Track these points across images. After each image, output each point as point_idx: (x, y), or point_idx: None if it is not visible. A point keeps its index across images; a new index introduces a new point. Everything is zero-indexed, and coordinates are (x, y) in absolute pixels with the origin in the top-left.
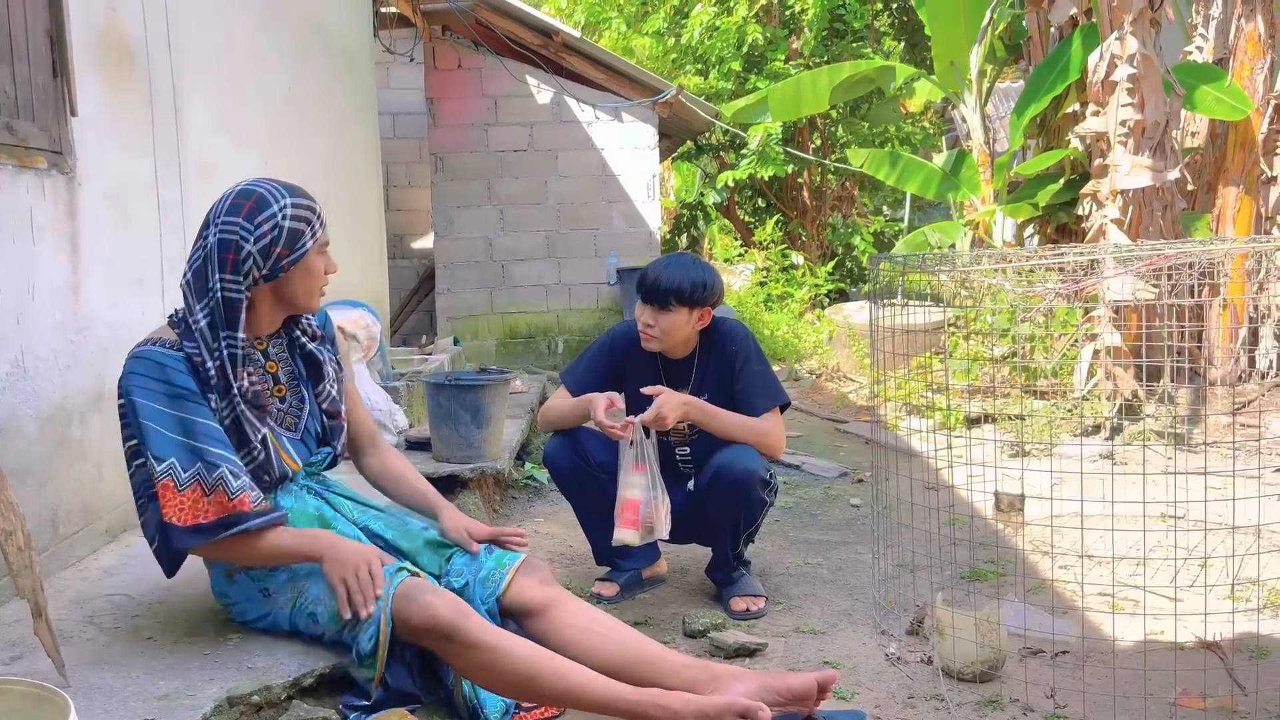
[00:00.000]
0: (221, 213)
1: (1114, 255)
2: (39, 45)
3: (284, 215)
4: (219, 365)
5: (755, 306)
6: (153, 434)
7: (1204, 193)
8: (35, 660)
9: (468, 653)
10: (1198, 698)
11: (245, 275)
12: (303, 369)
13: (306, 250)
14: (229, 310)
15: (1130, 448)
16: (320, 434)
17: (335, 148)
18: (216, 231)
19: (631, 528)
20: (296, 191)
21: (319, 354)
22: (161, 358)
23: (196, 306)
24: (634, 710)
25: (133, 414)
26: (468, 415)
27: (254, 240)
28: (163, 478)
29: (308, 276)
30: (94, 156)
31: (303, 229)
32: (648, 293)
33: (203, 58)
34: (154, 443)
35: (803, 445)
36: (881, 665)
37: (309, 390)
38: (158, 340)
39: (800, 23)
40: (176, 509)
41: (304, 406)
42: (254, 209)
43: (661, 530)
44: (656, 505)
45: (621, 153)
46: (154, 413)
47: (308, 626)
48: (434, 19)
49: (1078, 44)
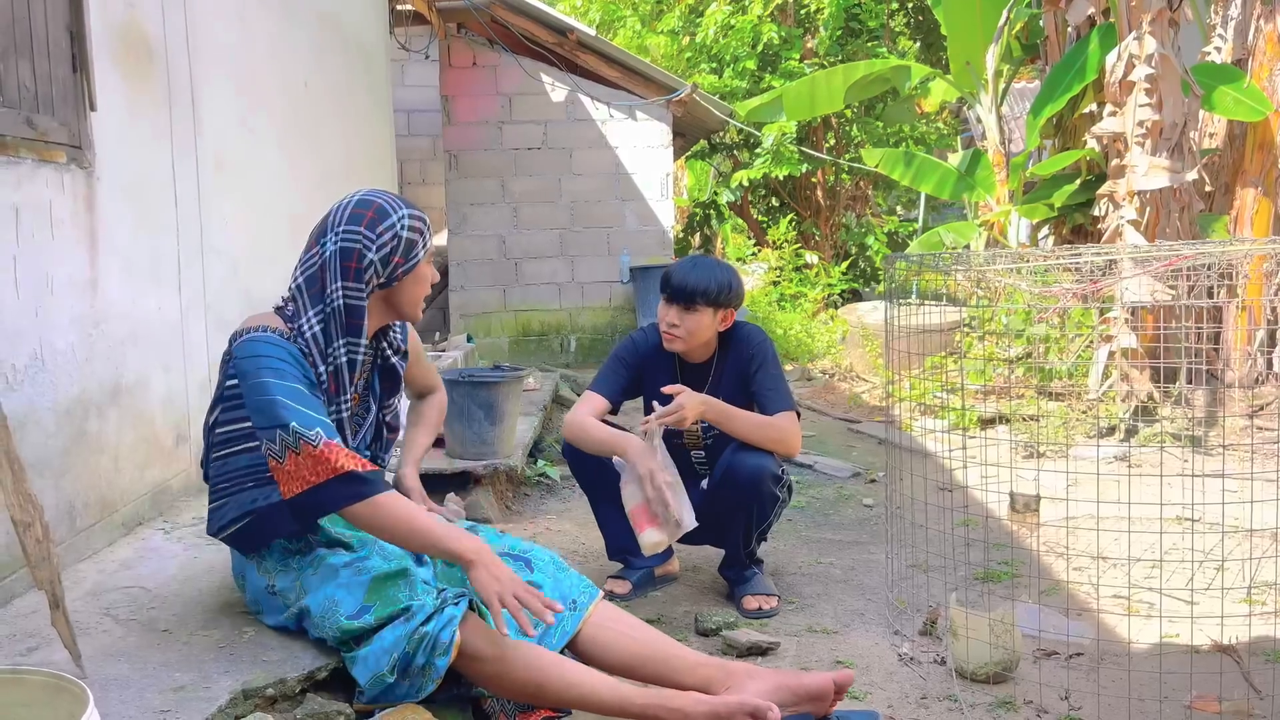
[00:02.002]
0: (342, 221)
1: (1131, 255)
2: (59, 40)
3: (403, 225)
4: (332, 371)
5: (768, 306)
6: (291, 409)
7: (1222, 194)
8: (52, 651)
9: (474, 664)
10: (1213, 701)
11: (366, 283)
12: (378, 383)
13: (419, 260)
14: (350, 316)
15: (1146, 449)
16: (369, 442)
17: (351, 144)
18: (337, 240)
19: (654, 525)
20: (410, 203)
21: (399, 369)
22: (285, 345)
23: (310, 312)
24: (645, 713)
25: (261, 392)
26: (481, 412)
27: (376, 249)
28: (319, 443)
29: (417, 285)
30: (113, 151)
31: (417, 239)
32: (673, 293)
33: (220, 54)
34: (294, 414)
35: (815, 445)
36: (894, 665)
37: (376, 402)
38: (274, 329)
39: (815, 21)
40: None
41: (368, 416)
42: (375, 219)
43: (686, 519)
44: (652, 503)
45: (635, 151)
46: (291, 391)
47: (313, 630)
48: (449, 16)
49: (1095, 44)
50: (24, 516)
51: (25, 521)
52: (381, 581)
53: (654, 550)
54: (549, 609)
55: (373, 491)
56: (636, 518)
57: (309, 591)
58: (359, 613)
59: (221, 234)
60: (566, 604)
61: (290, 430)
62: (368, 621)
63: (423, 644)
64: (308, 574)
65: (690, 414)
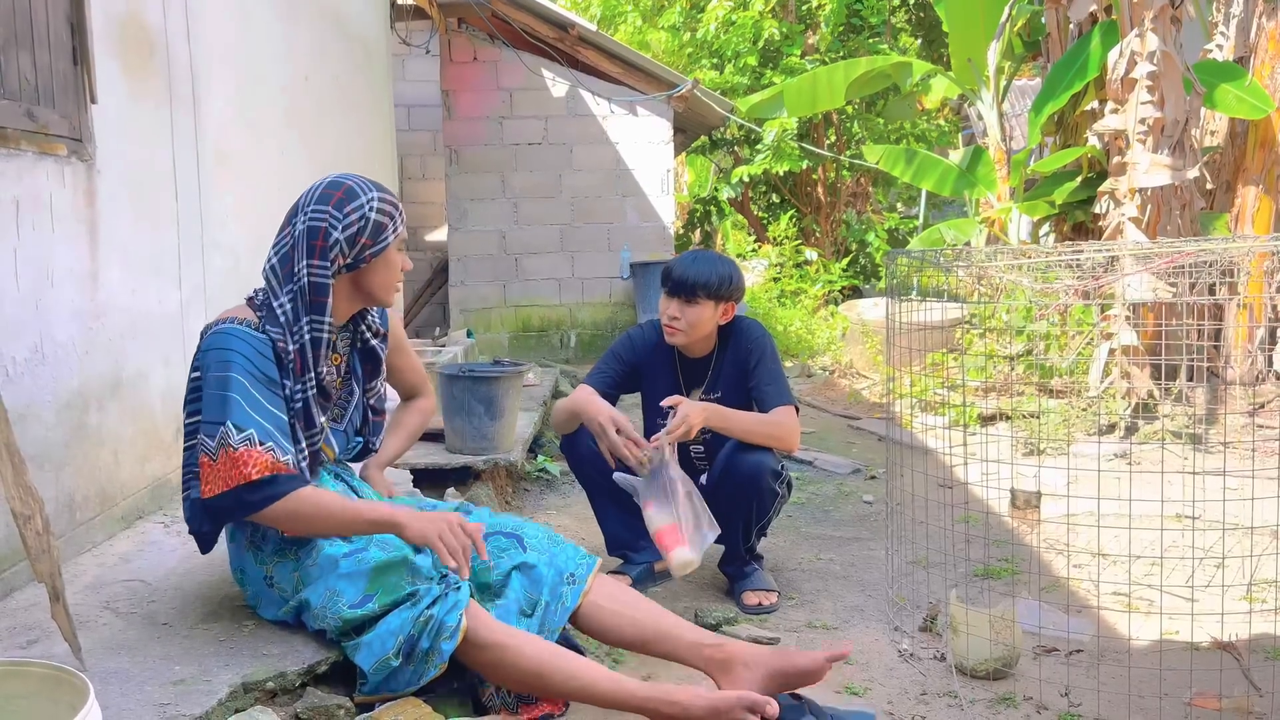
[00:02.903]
0: (311, 201)
1: (1132, 253)
2: (59, 32)
3: (370, 207)
4: (299, 348)
5: (768, 302)
6: (235, 405)
7: (1223, 192)
8: (52, 644)
9: (476, 652)
10: (1213, 698)
11: (331, 262)
12: (359, 365)
13: (388, 243)
14: (316, 294)
15: (1146, 447)
16: (358, 426)
17: (352, 139)
18: (305, 219)
19: (683, 544)
20: (381, 187)
21: (379, 351)
22: (249, 338)
23: (281, 291)
24: (644, 706)
25: (216, 386)
26: (481, 407)
27: (341, 228)
28: (240, 445)
29: (387, 269)
30: (113, 144)
31: (386, 222)
32: (675, 286)
33: (221, 47)
34: (235, 412)
35: (815, 441)
36: (894, 661)
37: (360, 385)
38: (243, 320)
39: (817, 18)
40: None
41: (352, 399)
42: (343, 199)
43: (709, 528)
44: (682, 521)
45: (636, 147)
46: (241, 386)
47: (313, 623)
48: (450, 11)
49: (1097, 41)
50: (24, 509)
51: (25, 514)
52: (383, 570)
53: (684, 571)
54: (479, 545)
55: (285, 489)
56: (664, 539)
57: (307, 584)
58: (362, 601)
59: (222, 227)
60: (564, 579)
61: (226, 426)
62: (371, 609)
63: (428, 627)
64: (306, 565)
65: (695, 423)
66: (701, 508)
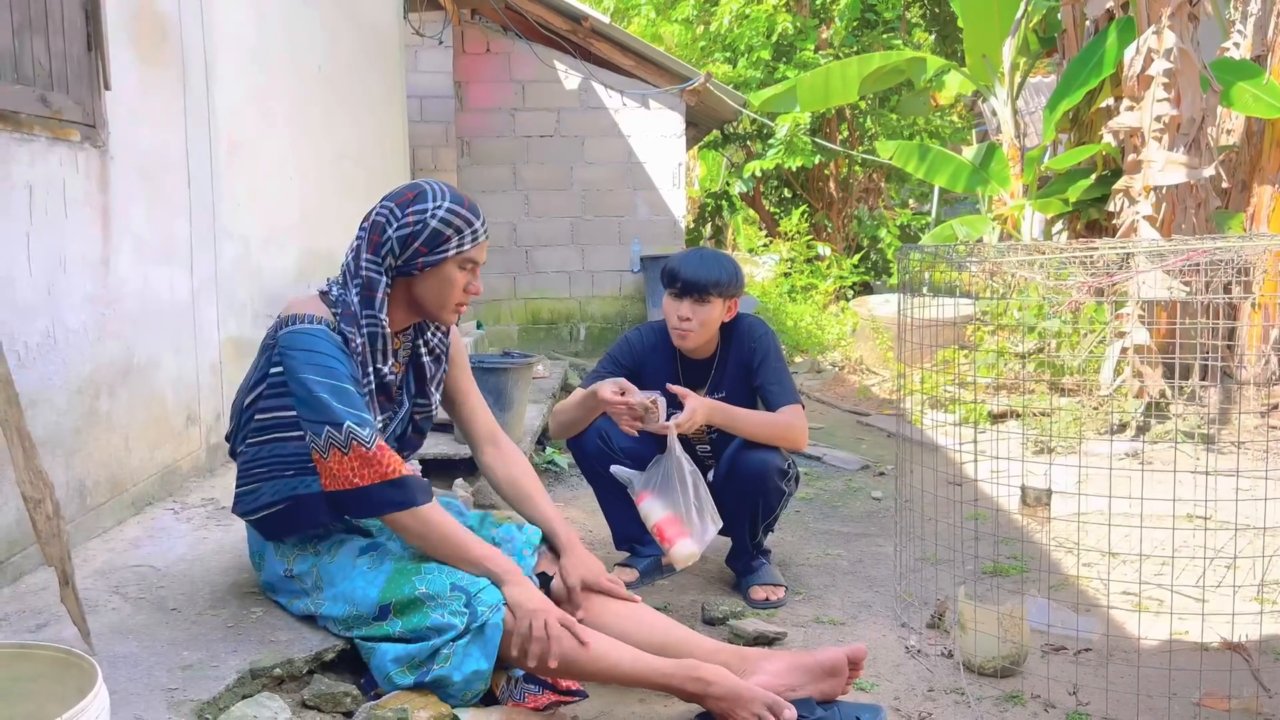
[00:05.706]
0: (387, 197)
1: (1146, 250)
2: (74, 18)
3: (433, 215)
4: (363, 342)
5: (779, 297)
6: (349, 402)
7: (1238, 191)
8: (61, 628)
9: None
10: (1222, 698)
11: (382, 259)
12: (412, 379)
13: (446, 256)
14: (368, 289)
15: (1158, 446)
16: (399, 438)
17: (364, 128)
18: (374, 213)
19: (684, 536)
20: (461, 200)
21: (428, 368)
22: (328, 336)
23: (351, 284)
24: (669, 682)
25: (308, 388)
26: (490, 398)
27: (397, 226)
28: (371, 444)
29: (441, 284)
30: (126, 130)
31: (449, 234)
32: (685, 286)
33: (234, 35)
34: (349, 412)
35: (824, 437)
36: (901, 657)
37: (409, 398)
38: (320, 318)
39: (831, 12)
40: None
41: (399, 411)
42: (411, 200)
43: (711, 520)
44: (685, 511)
45: (648, 140)
46: (338, 390)
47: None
48: (463, 2)
49: (1113, 38)
50: (35, 493)
51: (36, 498)
52: (400, 577)
53: (687, 563)
54: (551, 649)
55: (418, 500)
56: (665, 531)
57: (325, 585)
58: (380, 614)
59: (234, 215)
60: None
61: (343, 430)
62: (391, 631)
63: (450, 662)
64: (324, 560)
65: (699, 419)
66: (705, 497)
